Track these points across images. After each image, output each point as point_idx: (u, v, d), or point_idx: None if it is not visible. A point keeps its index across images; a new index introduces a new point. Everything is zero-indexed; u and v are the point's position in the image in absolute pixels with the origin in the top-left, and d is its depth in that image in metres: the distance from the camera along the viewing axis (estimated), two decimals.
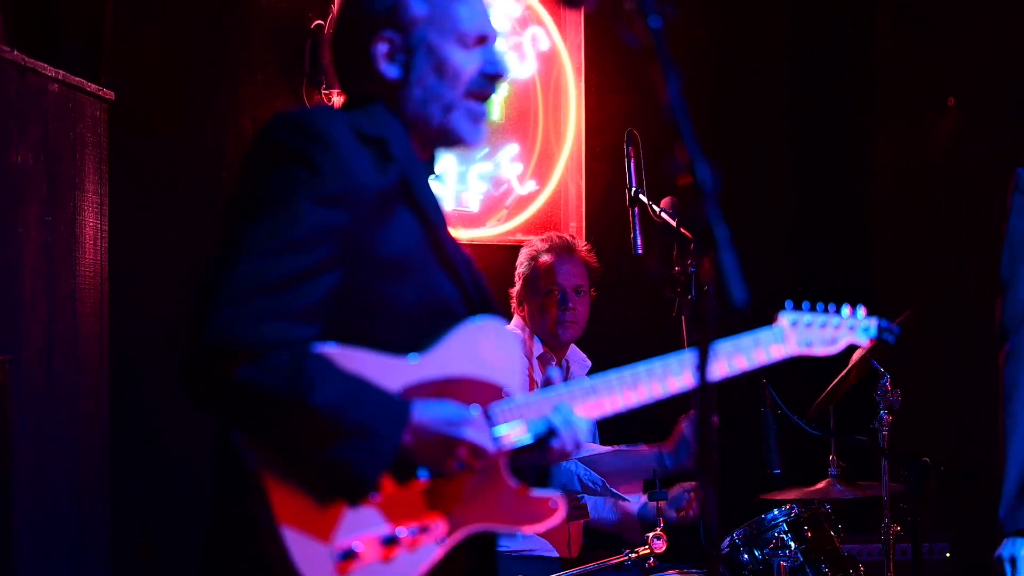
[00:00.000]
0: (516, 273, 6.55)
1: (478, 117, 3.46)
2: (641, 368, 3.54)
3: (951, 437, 8.12)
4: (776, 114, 8.96)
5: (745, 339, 3.69)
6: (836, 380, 6.21)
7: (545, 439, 3.41)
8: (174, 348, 2.95)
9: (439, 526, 3.22)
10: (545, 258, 6.53)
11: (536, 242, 6.64)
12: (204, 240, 6.31)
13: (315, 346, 3.07)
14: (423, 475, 3.21)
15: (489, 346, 3.38)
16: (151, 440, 6.68)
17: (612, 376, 3.53)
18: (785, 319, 3.81)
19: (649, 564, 5.52)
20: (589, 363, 6.69)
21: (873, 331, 3.95)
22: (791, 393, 5.95)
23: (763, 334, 3.75)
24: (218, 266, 3.03)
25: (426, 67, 3.39)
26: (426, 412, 3.17)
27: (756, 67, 8.87)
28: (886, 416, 6.06)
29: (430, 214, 3.35)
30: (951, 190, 8.38)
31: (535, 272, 6.52)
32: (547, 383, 3.55)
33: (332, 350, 3.11)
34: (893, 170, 8.76)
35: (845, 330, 3.90)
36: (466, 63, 3.44)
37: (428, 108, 3.40)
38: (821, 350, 3.86)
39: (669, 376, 3.54)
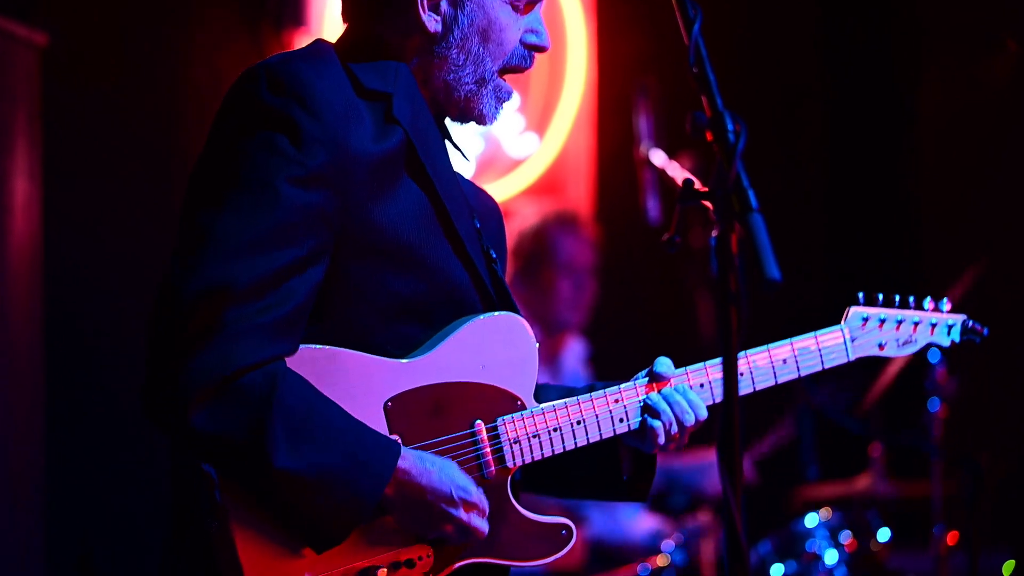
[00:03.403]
0: (509, 249, 6.54)
1: (504, 97, 3.43)
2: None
3: (1013, 434, 8.10)
4: (808, 61, 8.91)
5: (803, 341, 3.60)
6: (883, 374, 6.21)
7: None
8: (120, 335, 2.93)
9: (426, 559, 3.19)
10: (552, 233, 6.56)
11: (534, 214, 6.65)
12: (155, 207, 6.31)
13: (296, 353, 3.04)
14: None
15: (501, 347, 3.32)
16: (91, 440, 6.65)
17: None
18: (855, 315, 3.69)
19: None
20: (585, 350, 6.71)
21: (957, 331, 3.79)
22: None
23: (826, 335, 3.64)
24: (182, 266, 2.98)
25: (471, 28, 3.32)
26: (417, 470, 3.12)
27: (786, 6, 8.84)
28: (939, 407, 6.04)
29: (439, 184, 3.28)
30: (1007, 145, 8.34)
31: (539, 249, 6.54)
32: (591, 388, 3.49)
33: (313, 352, 3.08)
34: (940, 123, 8.70)
35: (925, 329, 3.76)
36: (512, 29, 3.38)
37: (461, 74, 3.34)
38: (895, 352, 3.74)
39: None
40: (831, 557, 6.11)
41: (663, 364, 3.49)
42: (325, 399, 3.06)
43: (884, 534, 6.30)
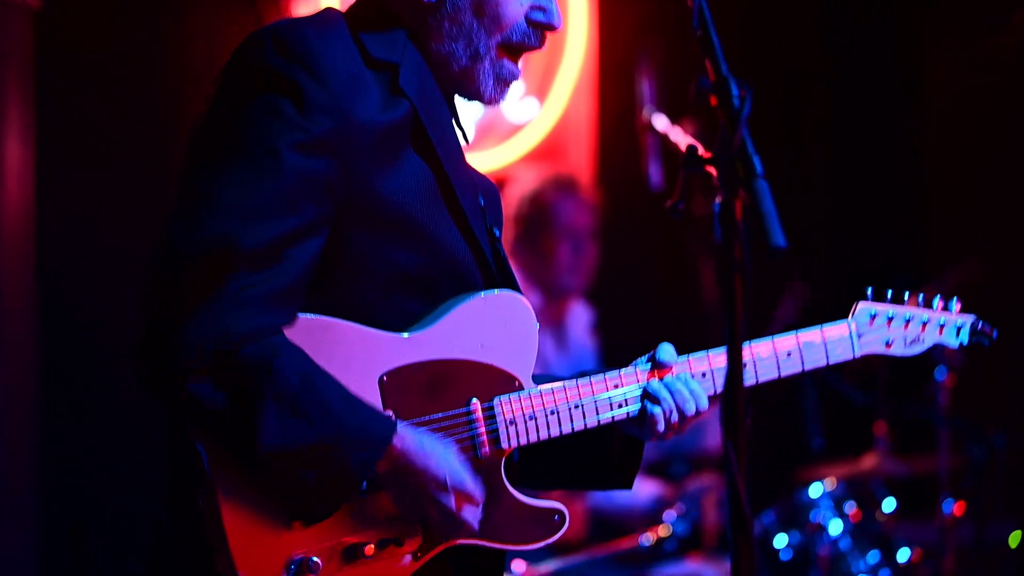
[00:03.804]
0: (508, 216, 6.55)
1: (507, 78, 3.37)
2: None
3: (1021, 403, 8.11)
4: (811, 41, 8.85)
5: (808, 335, 3.58)
6: None
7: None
8: (116, 301, 2.91)
9: (415, 537, 3.17)
10: (552, 197, 6.55)
11: (533, 179, 6.66)
12: (153, 171, 6.27)
13: (295, 321, 3.03)
14: None
15: (501, 325, 3.29)
16: (86, 417, 6.64)
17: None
18: (863, 311, 3.66)
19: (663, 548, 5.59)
20: (590, 317, 6.72)
21: (966, 333, 3.75)
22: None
23: (832, 329, 3.61)
24: (181, 229, 2.96)
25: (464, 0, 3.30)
26: (415, 451, 3.09)
27: None
28: (946, 376, 6.04)
29: (444, 158, 3.25)
30: (1013, 125, 8.30)
31: (539, 213, 6.53)
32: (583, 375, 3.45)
33: (309, 322, 3.06)
34: (945, 103, 8.67)
35: (933, 329, 3.72)
36: (512, 4, 3.32)
37: (454, 47, 3.30)
38: (902, 351, 3.70)
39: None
40: (835, 527, 6.10)
41: (666, 351, 3.45)
42: (323, 373, 3.03)
43: (889, 504, 6.31)
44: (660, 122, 5.96)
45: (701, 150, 2.79)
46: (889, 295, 3.68)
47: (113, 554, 6.26)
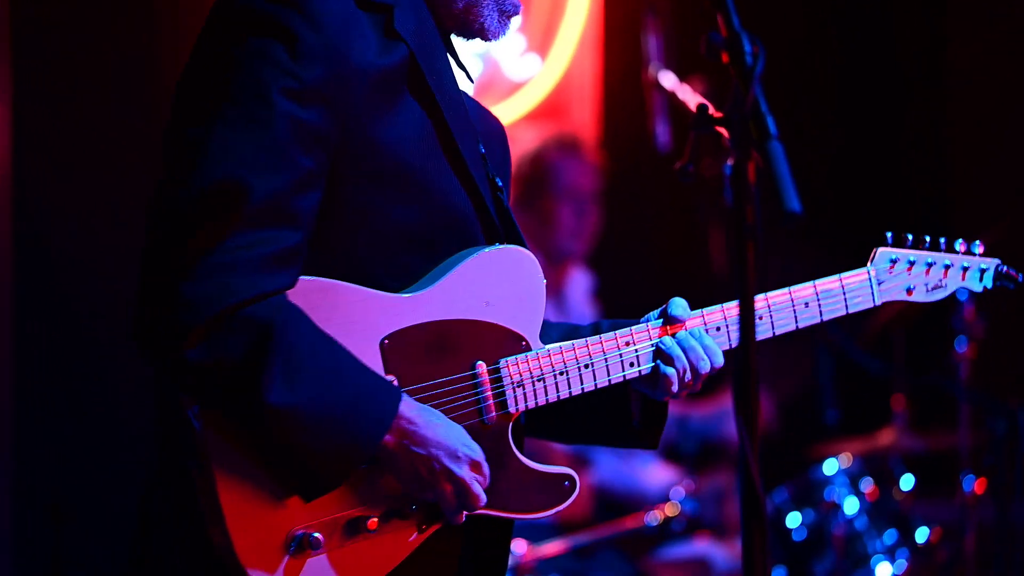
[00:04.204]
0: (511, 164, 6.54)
1: (510, 11, 3.35)
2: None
3: None
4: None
5: (826, 283, 3.55)
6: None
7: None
8: (96, 253, 2.87)
9: (420, 508, 3.13)
10: (553, 157, 6.53)
11: (534, 139, 6.62)
12: (134, 120, 6.21)
13: (298, 284, 2.99)
14: None
15: (506, 282, 3.26)
16: (66, 397, 6.61)
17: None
18: (883, 256, 3.63)
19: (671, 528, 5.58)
20: (591, 283, 6.70)
21: (990, 276, 3.73)
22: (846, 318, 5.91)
23: (851, 276, 3.58)
24: (176, 185, 2.93)
25: None
26: (423, 420, 3.06)
27: None
28: (967, 347, 6.01)
29: (444, 104, 3.21)
30: None
31: (539, 174, 6.50)
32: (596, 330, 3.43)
33: (305, 284, 3.01)
34: (968, 68, 8.65)
35: (956, 273, 3.71)
36: None
37: None
38: (924, 297, 3.68)
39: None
40: (851, 506, 6.09)
41: (678, 306, 3.42)
42: (327, 337, 2.99)
43: (908, 481, 6.29)
44: (668, 80, 5.92)
45: (712, 109, 2.75)
46: (910, 239, 3.65)
47: (94, 533, 6.25)
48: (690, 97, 5.51)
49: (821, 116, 8.69)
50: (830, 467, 6.17)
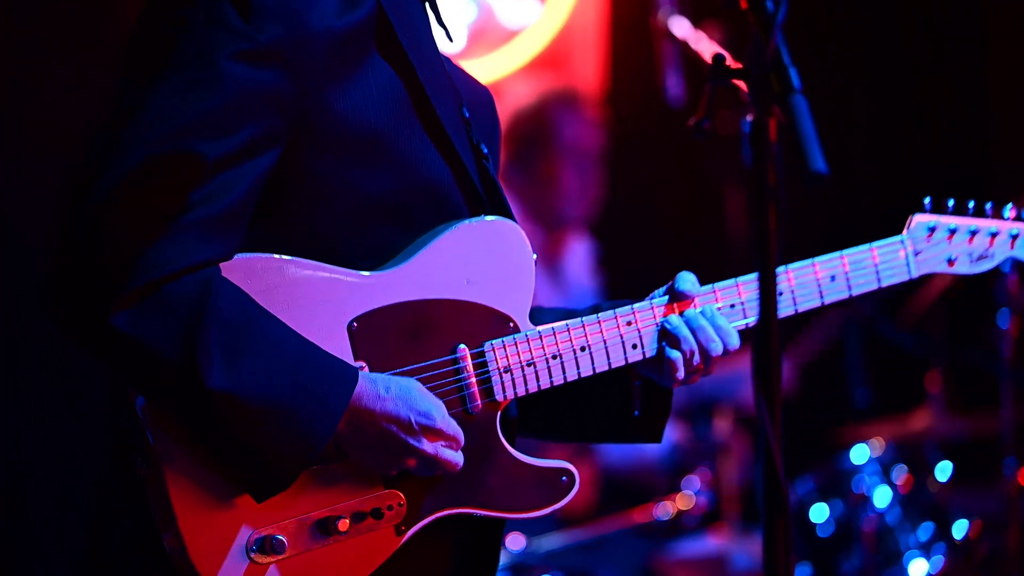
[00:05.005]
0: (502, 134, 6.55)
1: None
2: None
3: None
4: None
5: (856, 254, 3.47)
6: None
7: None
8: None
9: (397, 509, 3.09)
10: (553, 113, 6.48)
11: (531, 92, 6.56)
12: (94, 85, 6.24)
13: (241, 264, 2.94)
14: None
15: (490, 257, 3.20)
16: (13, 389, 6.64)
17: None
18: (920, 225, 3.56)
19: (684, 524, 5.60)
20: (592, 253, 6.67)
21: None
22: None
23: (884, 247, 3.51)
24: (105, 148, 2.90)
25: None
26: (369, 395, 2.99)
27: None
28: (1011, 322, 5.99)
29: (418, 63, 3.16)
30: None
31: (537, 131, 6.46)
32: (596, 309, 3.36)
33: (261, 263, 2.97)
34: (1011, 19, 8.58)
35: (1004, 241, 3.64)
36: None
37: None
38: (968, 269, 3.61)
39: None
40: (882, 497, 6.06)
41: (686, 280, 3.34)
42: (266, 313, 2.95)
43: (944, 470, 6.26)
44: (680, 27, 5.88)
45: (729, 60, 2.76)
46: (950, 205, 3.58)
47: (47, 540, 6.30)
48: (705, 46, 5.48)
49: (851, 69, 8.67)
50: (859, 454, 6.11)
